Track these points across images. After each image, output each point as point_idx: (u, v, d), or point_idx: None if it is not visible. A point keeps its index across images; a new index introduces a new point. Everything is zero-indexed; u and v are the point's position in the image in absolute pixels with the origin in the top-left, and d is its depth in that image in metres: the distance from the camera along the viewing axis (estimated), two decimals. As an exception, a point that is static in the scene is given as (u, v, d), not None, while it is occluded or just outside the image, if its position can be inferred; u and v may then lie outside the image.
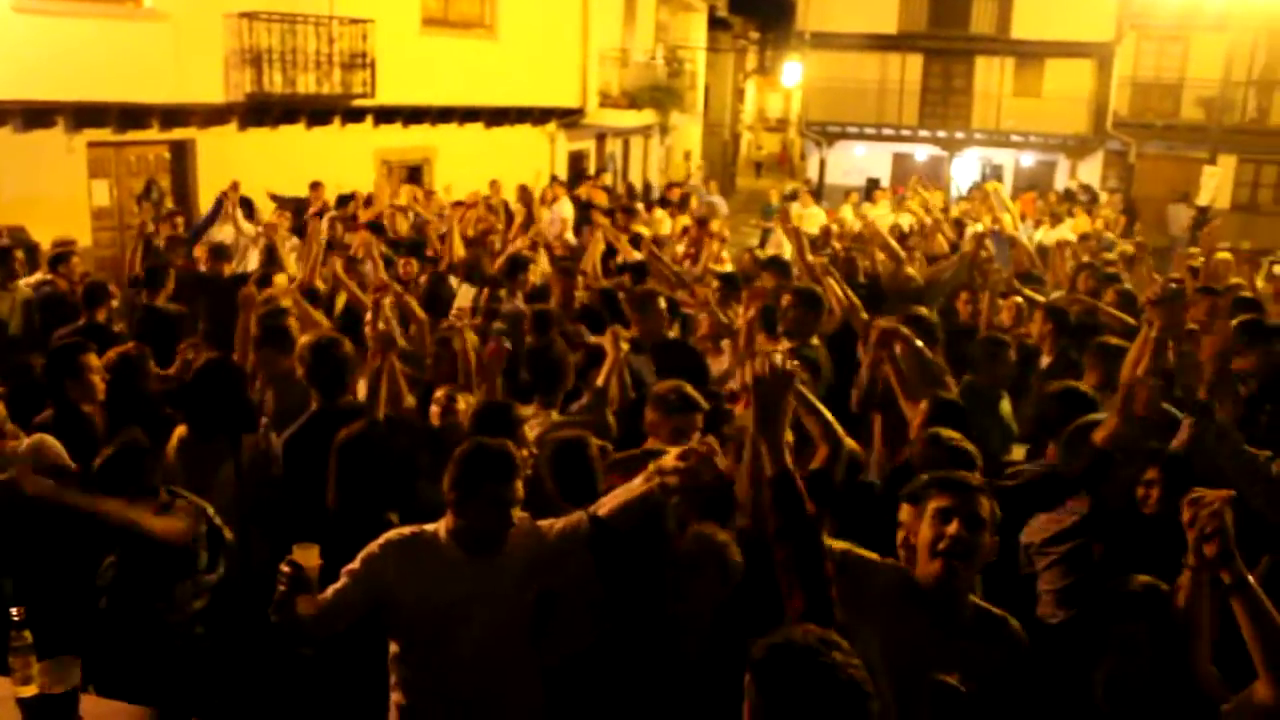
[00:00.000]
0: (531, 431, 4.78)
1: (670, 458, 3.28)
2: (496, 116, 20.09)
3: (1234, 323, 6.24)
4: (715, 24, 32.12)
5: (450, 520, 3.47)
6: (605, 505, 3.46)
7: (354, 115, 16.91)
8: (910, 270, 9.47)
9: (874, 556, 3.22)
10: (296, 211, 12.15)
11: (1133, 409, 4.08)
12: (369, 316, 6.52)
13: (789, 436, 3.80)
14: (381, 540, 3.45)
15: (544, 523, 3.56)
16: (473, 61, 18.75)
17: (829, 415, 4.20)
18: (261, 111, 15.28)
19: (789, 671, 2.27)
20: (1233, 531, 2.78)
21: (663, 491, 3.29)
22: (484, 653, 3.43)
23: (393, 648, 3.52)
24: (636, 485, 3.37)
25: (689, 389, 4.81)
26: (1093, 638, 3.36)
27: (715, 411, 5.03)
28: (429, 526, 3.51)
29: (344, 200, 13.77)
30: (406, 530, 3.51)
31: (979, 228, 12.93)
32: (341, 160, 16.19)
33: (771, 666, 2.30)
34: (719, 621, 3.49)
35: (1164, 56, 28.61)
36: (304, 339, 5.31)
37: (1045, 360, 7.01)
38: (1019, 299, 8.05)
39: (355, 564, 3.41)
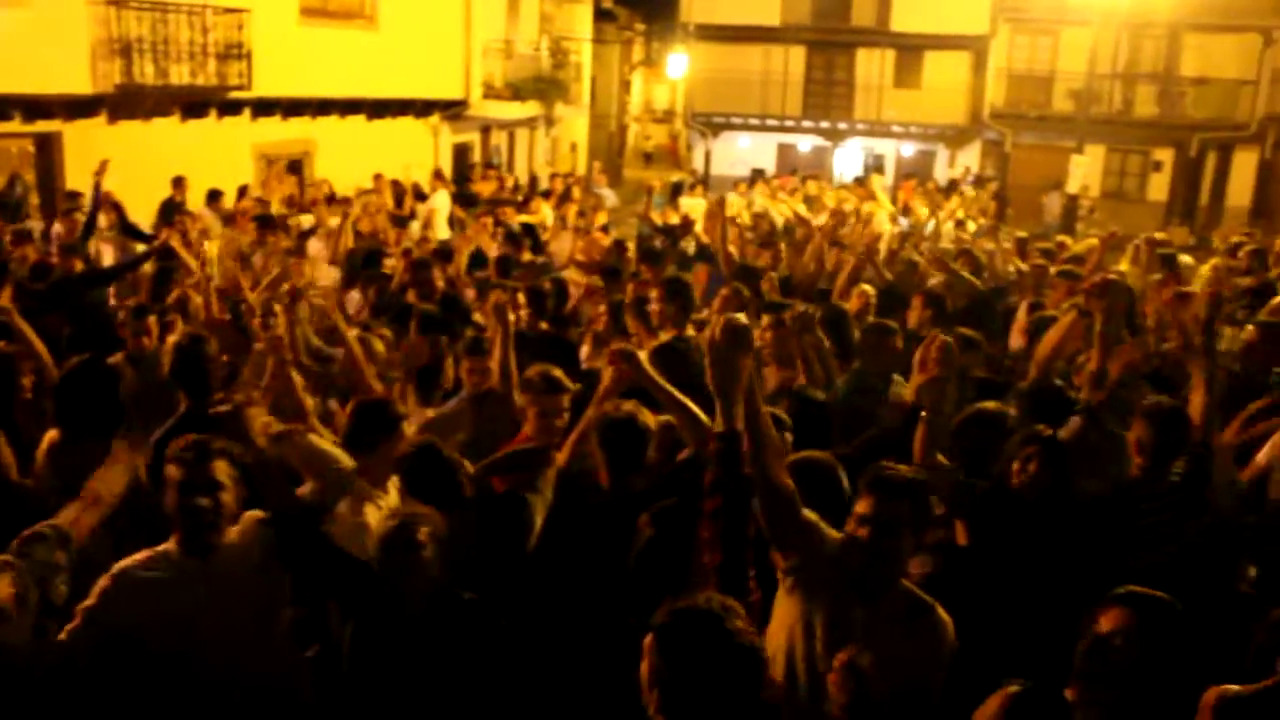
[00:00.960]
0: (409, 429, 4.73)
1: None
2: (378, 109, 19.76)
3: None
4: (601, 16, 32.09)
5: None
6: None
7: (231, 107, 16.45)
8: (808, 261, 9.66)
9: (833, 532, 3.29)
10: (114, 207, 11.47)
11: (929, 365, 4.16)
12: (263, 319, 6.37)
13: (650, 420, 3.84)
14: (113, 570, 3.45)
15: None
16: (353, 52, 18.39)
17: (690, 404, 4.22)
18: (133, 103, 14.75)
19: (690, 636, 2.37)
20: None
21: None
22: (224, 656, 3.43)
23: None
24: None
25: (555, 372, 4.82)
26: None
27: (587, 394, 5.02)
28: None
29: (214, 195, 13.40)
30: (140, 555, 3.49)
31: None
32: (218, 154, 15.74)
33: (673, 631, 2.39)
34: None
35: (1036, 49, 29.54)
36: (170, 339, 5.19)
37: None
38: (869, 288, 8.16)
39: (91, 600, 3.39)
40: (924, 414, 4.04)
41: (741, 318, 3.11)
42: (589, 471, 4.39)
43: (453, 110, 22.10)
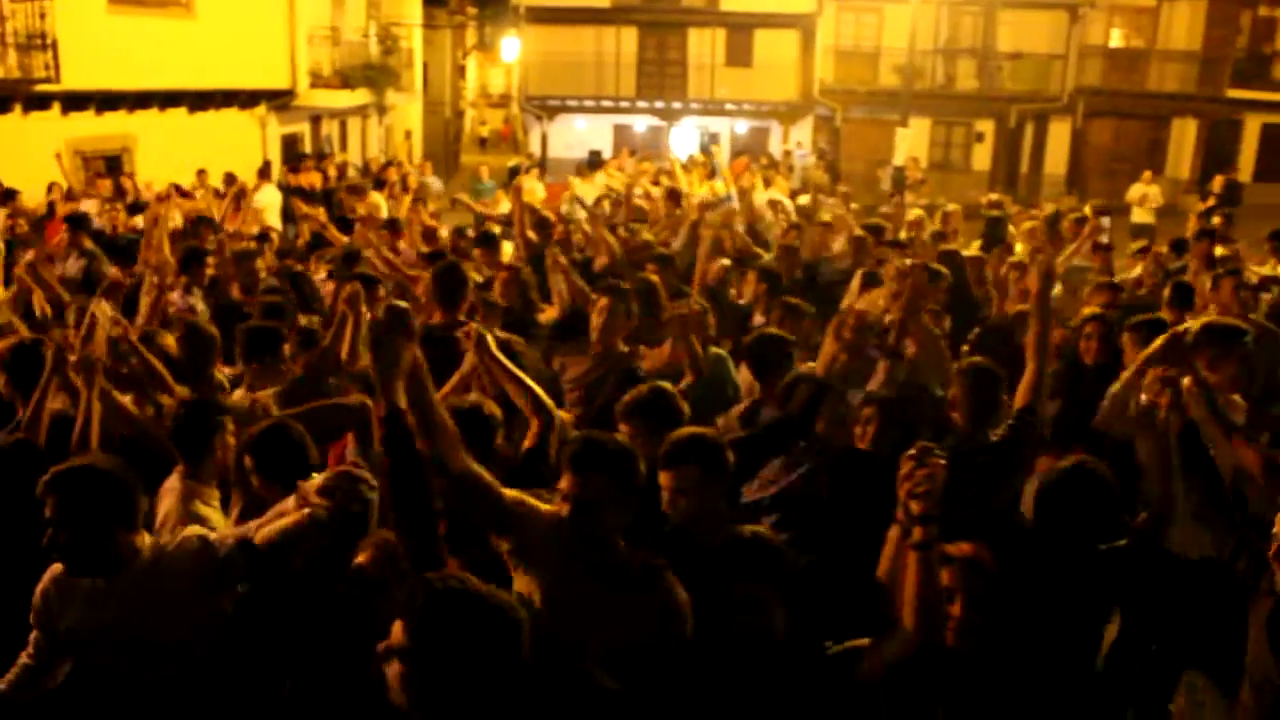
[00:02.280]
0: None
1: (314, 485, 3.08)
2: (200, 100, 19.02)
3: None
4: (431, 1, 31.58)
5: None
6: (262, 530, 3.29)
7: (38, 102, 15.61)
8: (649, 236, 9.69)
9: (543, 506, 3.23)
10: None
11: (842, 336, 4.26)
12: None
13: (495, 410, 3.79)
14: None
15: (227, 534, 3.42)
16: (170, 42, 17.64)
17: (535, 387, 4.19)
18: (-74, 99, 13.92)
19: (445, 610, 2.33)
20: (939, 494, 2.86)
21: (314, 524, 3.09)
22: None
23: None
24: (290, 510, 3.19)
25: None
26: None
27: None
28: None
29: (7, 196, 12.55)
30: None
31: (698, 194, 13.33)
32: (26, 151, 14.89)
33: (423, 611, 2.33)
34: None
35: (862, 27, 30.29)
36: None
37: (759, 320, 7.26)
38: (726, 261, 8.28)
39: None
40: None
41: (402, 303, 3.11)
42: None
43: (280, 100, 21.44)
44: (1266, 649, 3.52)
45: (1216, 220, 14.03)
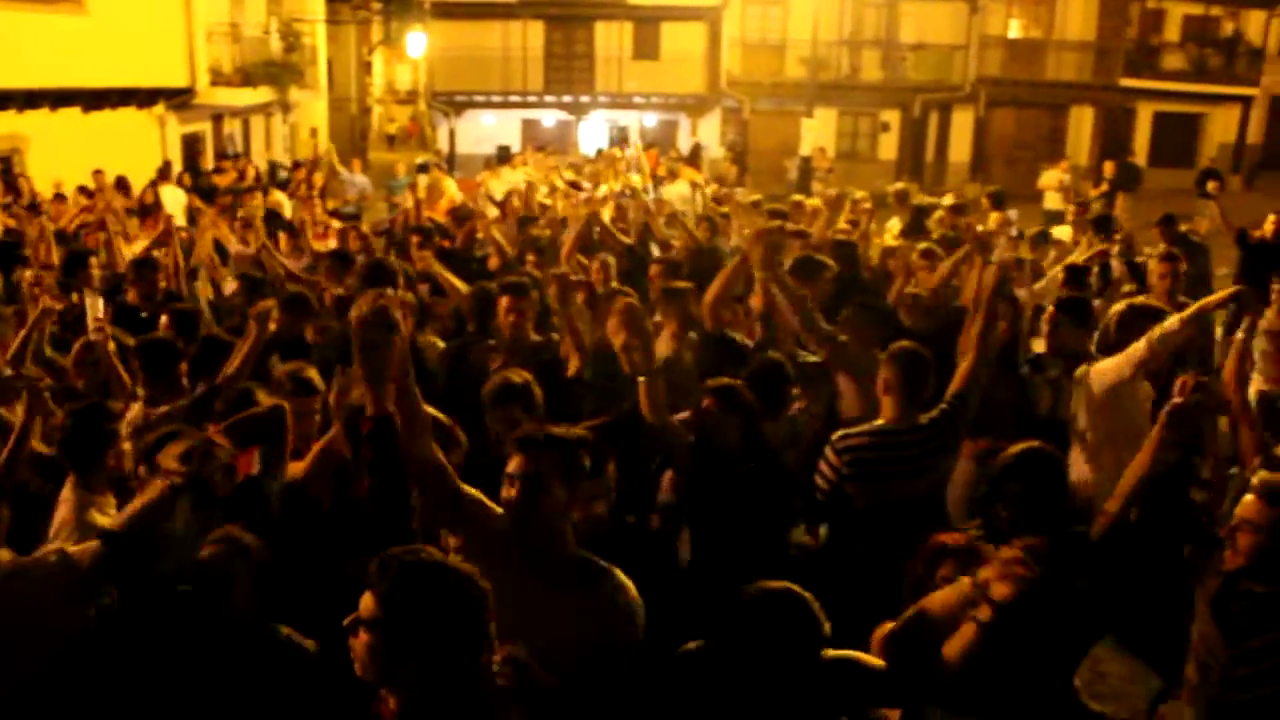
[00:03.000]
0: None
1: (171, 452, 3.07)
2: (95, 100, 18.45)
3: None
4: (334, -4, 31.14)
5: None
6: (123, 512, 3.21)
7: (-81, 103, 15.09)
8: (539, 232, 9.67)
9: (496, 507, 3.23)
10: None
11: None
12: None
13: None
14: None
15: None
16: (60, 39, 17.06)
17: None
18: None
19: (416, 579, 2.39)
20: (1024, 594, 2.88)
21: (173, 491, 3.05)
22: None
23: None
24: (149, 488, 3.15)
25: (309, 372, 4.73)
26: None
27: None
28: None
29: None
30: None
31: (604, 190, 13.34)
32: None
33: (395, 580, 2.38)
34: None
35: (768, 19, 30.49)
36: None
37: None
38: (610, 257, 8.30)
39: None
40: (640, 379, 4.17)
41: (389, 299, 3.10)
42: None
43: (179, 99, 20.92)
44: (1213, 628, 3.63)
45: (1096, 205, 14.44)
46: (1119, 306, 5.77)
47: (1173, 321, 4.99)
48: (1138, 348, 5.02)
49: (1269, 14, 31.30)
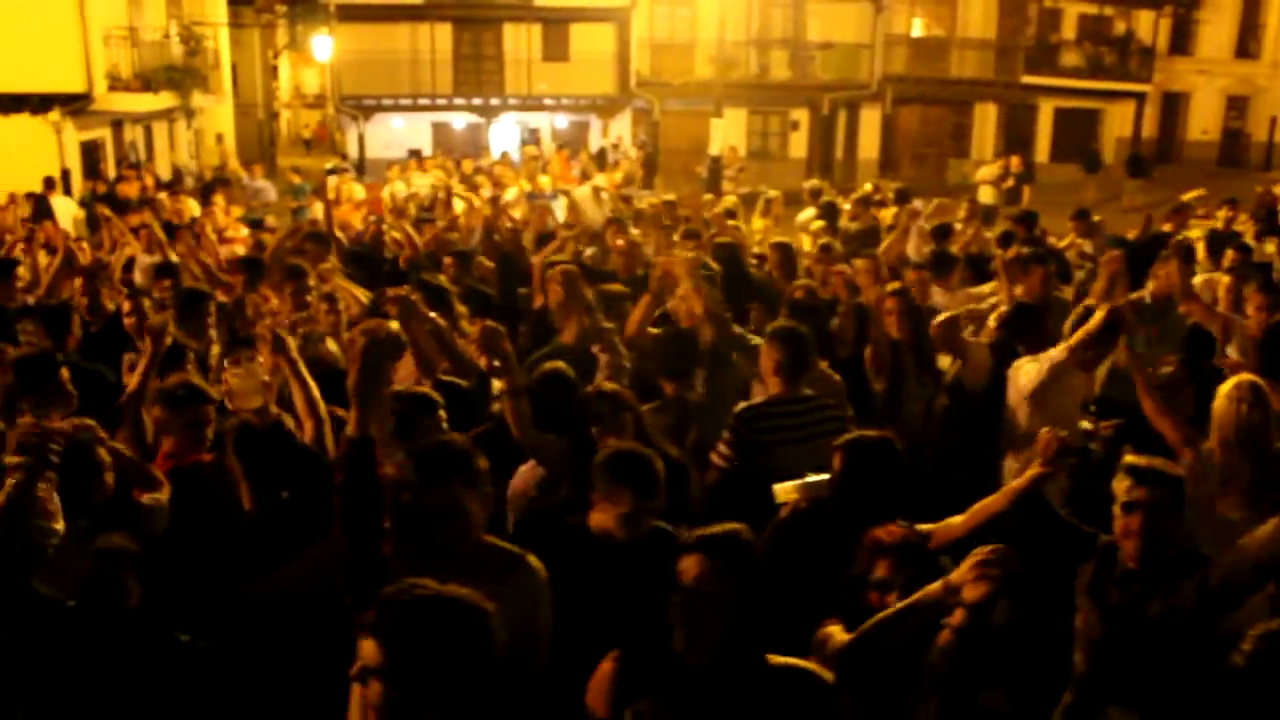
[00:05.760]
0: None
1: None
2: (-15, 106, 18.05)
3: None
4: (237, -1, 30.65)
5: None
6: None
7: None
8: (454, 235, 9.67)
9: None
10: None
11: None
12: None
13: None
14: None
15: None
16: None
17: (315, 389, 4.17)
18: None
19: (417, 618, 2.27)
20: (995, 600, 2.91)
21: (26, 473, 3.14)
22: None
23: None
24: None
25: (196, 380, 4.62)
26: None
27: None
28: None
29: None
30: None
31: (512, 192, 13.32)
32: None
33: (390, 614, 2.28)
34: None
35: (675, 20, 30.62)
36: None
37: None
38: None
39: None
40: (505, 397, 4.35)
41: (392, 325, 3.14)
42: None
43: (76, 105, 20.39)
44: (1095, 614, 3.73)
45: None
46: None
47: (1095, 319, 5.02)
48: (1057, 354, 5.07)
49: (1157, 14, 32.35)
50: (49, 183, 16.30)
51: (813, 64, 30.83)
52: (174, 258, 8.91)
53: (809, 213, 12.38)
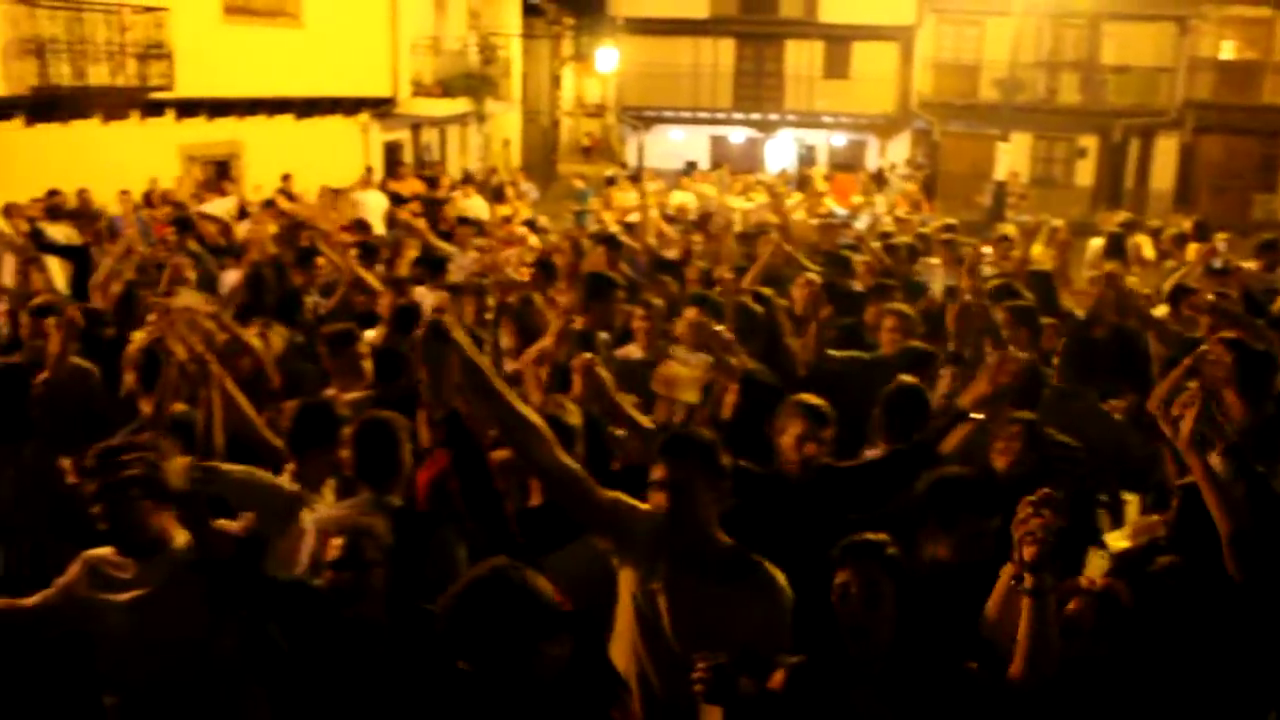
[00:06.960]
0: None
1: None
2: (306, 108, 19.55)
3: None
4: (529, 11, 31.93)
5: None
6: None
7: (154, 108, 16.15)
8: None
9: (641, 505, 3.34)
10: None
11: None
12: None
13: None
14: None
15: None
16: (279, 51, 18.18)
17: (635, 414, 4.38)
18: (50, 105, 14.42)
19: (479, 597, 2.52)
20: (1052, 544, 2.81)
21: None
22: None
23: None
24: None
25: None
26: None
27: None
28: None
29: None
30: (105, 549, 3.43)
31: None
32: (143, 156, 15.48)
33: (462, 602, 2.52)
34: None
35: (962, 40, 29.87)
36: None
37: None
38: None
39: None
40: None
41: (448, 317, 3.26)
42: None
43: (382, 108, 21.94)
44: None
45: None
46: None
47: None
48: None
49: None
50: (366, 178, 17.55)
51: (1105, 88, 29.33)
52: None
53: (1099, 242, 11.74)
